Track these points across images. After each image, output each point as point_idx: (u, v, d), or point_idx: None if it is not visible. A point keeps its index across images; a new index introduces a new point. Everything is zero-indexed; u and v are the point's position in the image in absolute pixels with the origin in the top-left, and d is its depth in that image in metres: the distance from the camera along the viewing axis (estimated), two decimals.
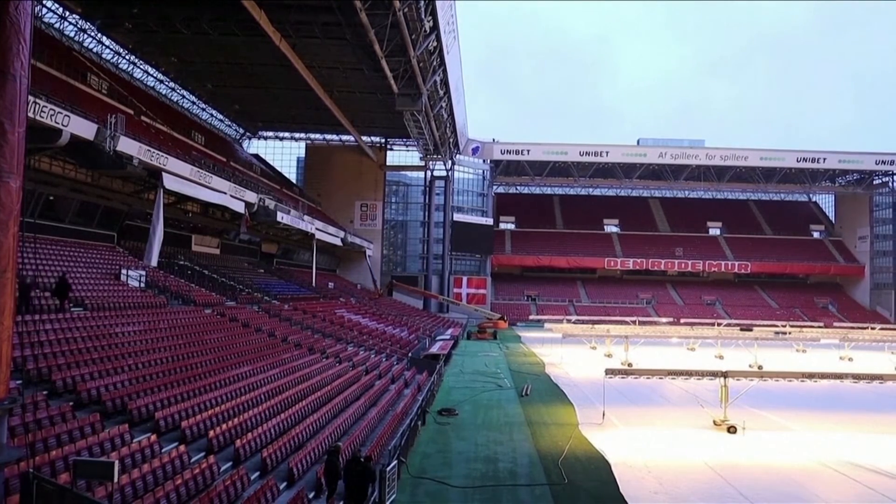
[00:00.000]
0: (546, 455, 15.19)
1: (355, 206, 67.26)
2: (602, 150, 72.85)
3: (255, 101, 52.49)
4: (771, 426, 18.80)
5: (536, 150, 72.86)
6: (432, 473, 13.61)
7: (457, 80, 48.35)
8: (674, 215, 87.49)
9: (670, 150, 73.03)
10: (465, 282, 72.17)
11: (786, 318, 66.20)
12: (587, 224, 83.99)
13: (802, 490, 13.09)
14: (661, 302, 76.25)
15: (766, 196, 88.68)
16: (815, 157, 73.15)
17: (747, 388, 19.04)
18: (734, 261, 78.99)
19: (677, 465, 14.53)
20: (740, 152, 73.50)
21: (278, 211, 38.86)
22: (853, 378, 20.02)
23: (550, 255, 78.06)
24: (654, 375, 20.53)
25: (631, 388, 23.78)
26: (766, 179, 77.40)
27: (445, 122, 54.15)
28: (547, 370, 31.70)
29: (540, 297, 76.28)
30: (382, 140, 67.08)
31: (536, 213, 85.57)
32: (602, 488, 12.79)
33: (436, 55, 39.36)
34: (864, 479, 13.66)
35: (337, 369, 22.80)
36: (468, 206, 74.73)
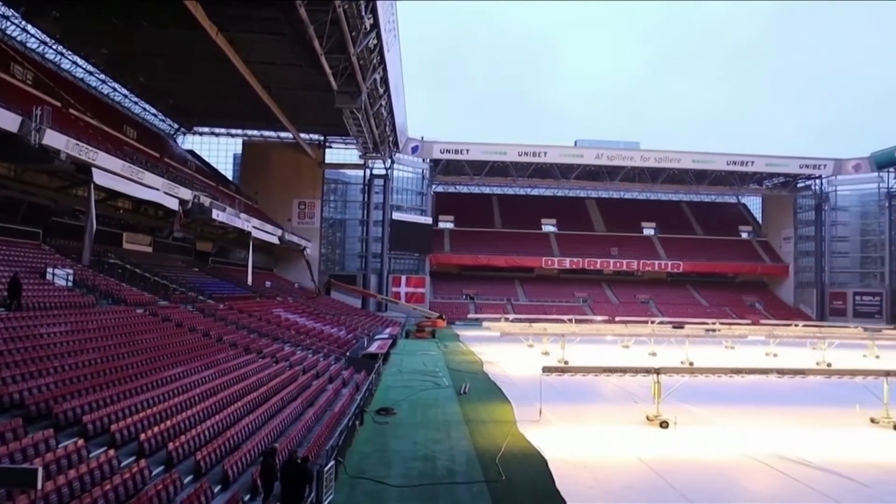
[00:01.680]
0: (484, 453, 15.31)
1: (293, 205, 66.35)
2: (540, 151, 73.75)
3: (191, 96, 51.21)
4: (701, 421, 19.36)
5: (475, 149, 73.27)
6: (370, 473, 13.56)
7: (397, 79, 48.19)
8: (610, 215, 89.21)
9: (606, 152, 74.42)
10: (403, 281, 72.05)
11: (715, 315, 68.19)
12: (525, 224, 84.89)
13: (732, 483, 13.54)
14: (596, 301, 77.68)
15: (697, 197, 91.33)
16: (744, 161, 75.67)
17: (679, 384, 19.57)
18: (667, 260, 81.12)
19: (612, 461, 14.83)
20: (673, 155, 75.43)
21: (213, 208, 38.04)
22: (778, 373, 20.81)
23: (489, 255, 78.61)
24: (589, 373, 20.89)
25: (567, 386, 24.15)
26: (697, 181, 79.68)
27: (385, 120, 53.91)
28: (485, 368, 31.93)
29: (478, 295, 76.79)
30: (321, 138, 66.34)
31: (475, 212, 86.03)
32: (539, 484, 12.96)
33: (376, 53, 39.11)
34: (790, 470, 14.20)
35: (274, 369, 22.49)
36: (407, 205, 74.61)
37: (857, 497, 12.55)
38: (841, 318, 74.15)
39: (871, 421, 19.25)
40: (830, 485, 13.18)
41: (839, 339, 42.04)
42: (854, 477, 13.67)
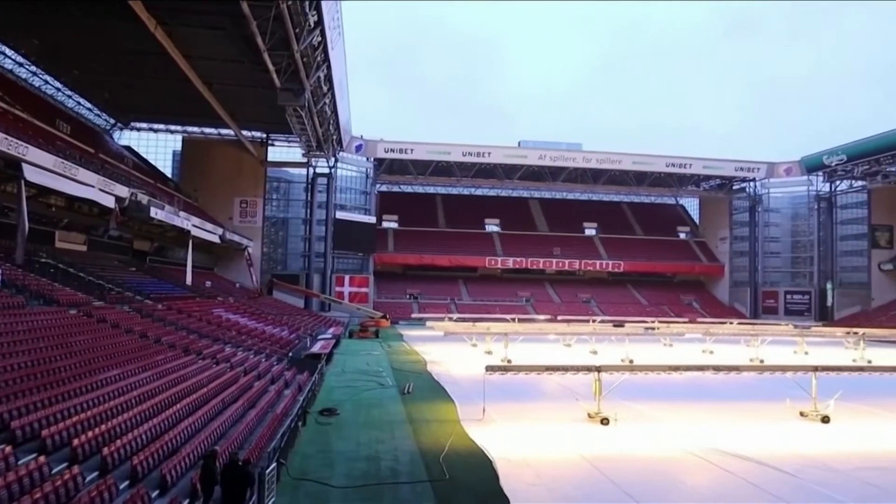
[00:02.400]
0: (428, 452, 15.32)
1: (234, 203, 65.19)
2: (484, 151, 74.24)
3: (128, 90, 49.75)
4: (641, 417, 19.75)
5: (420, 149, 73.30)
6: (313, 474, 13.42)
7: (341, 77, 47.83)
8: (552, 216, 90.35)
9: (549, 153, 75.37)
10: (347, 280, 71.59)
11: (654, 314, 69.74)
12: (469, 223, 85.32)
13: (670, 477, 13.85)
14: (539, 300, 78.58)
15: (637, 198, 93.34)
16: (683, 163, 77.62)
17: (619, 381, 19.91)
18: (608, 260, 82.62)
19: (554, 458, 15.01)
20: (615, 156, 76.86)
21: (152, 206, 37.11)
22: (714, 370, 21.40)
23: (433, 254, 78.77)
24: (532, 371, 21.12)
25: (510, 384, 24.34)
26: (638, 183, 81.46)
27: (329, 118, 53.48)
28: (428, 368, 31.93)
29: (422, 295, 76.83)
30: (264, 135, 65.35)
31: (419, 212, 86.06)
32: (483, 483, 13.03)
33: (320, 51, 38.75)
34: (726, 464, 14.60)
35: (214, 371, 22.06)
36: (351, 205, 74.19)
37: (785, 486, 13.01)
38: (773, 315, 76.81)
39: (801, 414, 19.96)
40: (762, 476, 13.62)
41: (771, 337, 43.43)
42: (783, 468, 14.17)
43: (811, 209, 79.88)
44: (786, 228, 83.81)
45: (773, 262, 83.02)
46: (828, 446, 16.51)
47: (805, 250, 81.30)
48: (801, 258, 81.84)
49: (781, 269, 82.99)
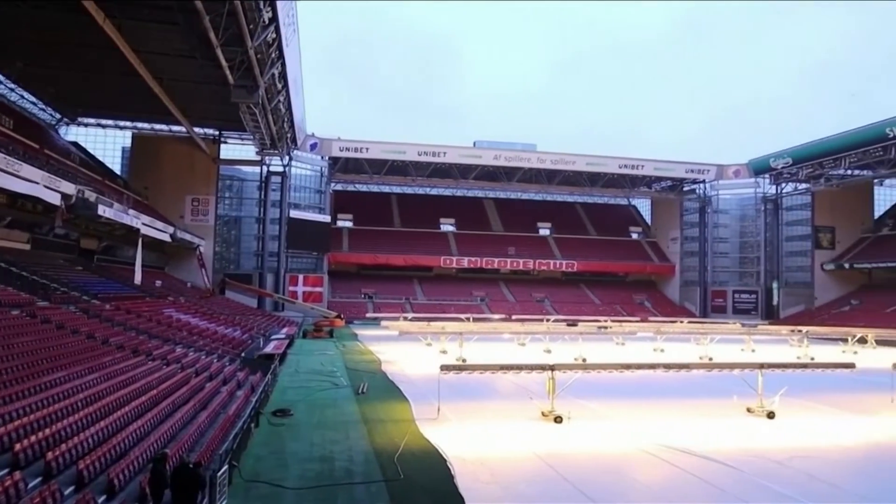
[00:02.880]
0: (382, 452, 15.27)
1: (186, 201, 64.01)
2: (440, 151, 74.30)
3: (75, 84, 48.42)
4: (594, 415, 20.01)
5: (375, 148, 72.99)
6: (266, 476, 13.26)
7: (296, 74, 47.35)
8: (507, 216, 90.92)
9: (504, 153, 75.81)
10: (300, 280, 70.94)
11: (607, 313, 70.64)
12: (424, 223, 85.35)
13: (622, 474, 14.06)
14: (493, 299, 79.00)
15: (591, 199, 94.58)
16: (635, 165, 78.88)
17: (572, 379, 20.12)
18: (562, 260, 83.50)
19: (509, 456, 15.10)
20: (569, 157, 77.69)
21: (100, 204, 36.16)
22: (664, 368, 21.80)
23: (388, 254, 78.58)
24: (487, 370, 21.21)
25: (465, 384, 24.41)
26: (591, 183, 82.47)
27: (283, 116, 52.88)
28: (383, 368, 31.84)
29: (377, 295, 76.57)
30: (216, 132, 64.29)
31: (374, 211, 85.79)
32: (437, 482, 13.04)
33: (275, 47, 38.28)
34: (676, 460, 14.88)
35: (164, 372, 21.62)
36: (305, 203, 73.50)
37: (732, 480, 13.33)
38: (721, 314, 78.54)
39: (748, 410, 20.46)
40: (710, 471, 13.93)
41: (720, 335, 44.37)
42: (731, 463, 14.51)
43: (758, 211, 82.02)
44: (734, 229, 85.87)
45: (722, 262, 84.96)
46: (773, 441, 16.96)
47: (752, 250, 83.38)
48: (748, 258, 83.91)
49: (730, 268, 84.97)
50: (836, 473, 14.21)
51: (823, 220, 76.82)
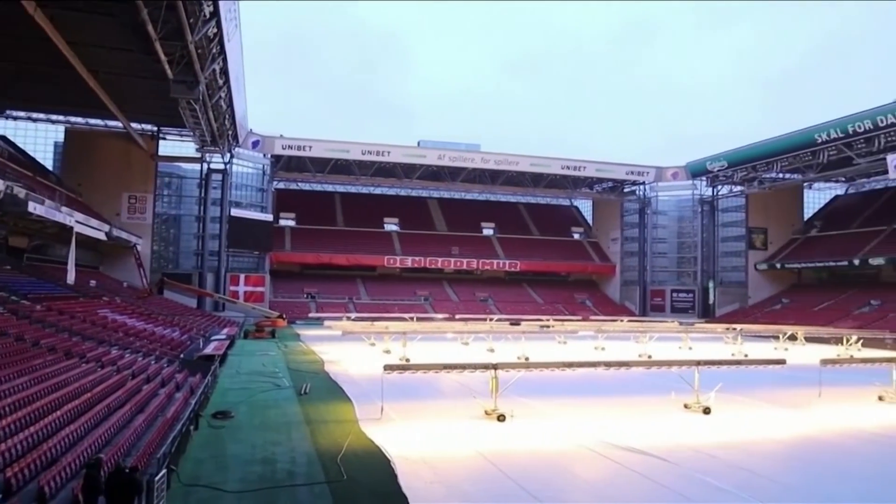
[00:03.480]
0: (325, 453, 15.14)
1: (123, 199, 62.28)
2: (384, 150, 74.02)
3: (3, 76, 46.51)
4: (536, 413, 20.22)
5: (319, 146, 72.24)
6: (206, 480, 13.01)
7: (238, 71, 46.53)
8: (451, 216, 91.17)
9: (449, 153, 76.01)
10: (242, 279, 69.83)
11: (549, 312, 71.43)
12: (368, 222, 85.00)
13: (564, 471, 14.26)
14: (437, 299, 79.16)
15: (534, 199, 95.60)
16: (577, 166, 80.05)
17: (515, 378, 20.32)
18: (505, 259, 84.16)
19: (452, 455, 15.15)
20: (512, 158, 78.38)
21: (30, 200, 34.82)
22: (605, 366, 22.22)
23: (331, 253, 77.96)
24: (430, 370, 21.23)
25: (408, 383, 24.40)
26: (534, 184, 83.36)
27: (224, 112, 51.91)
28: (326, 368, 31.59)
29: (320, 294, 75.90)
30: (155, 128, 62.68)
31: (318, 210, 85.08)
32: (381, 482, 13.00)
33: (216, 42, 37.51)
34: (616, 456, 15.16)
35: (99, 374, 20.99)
36: (247, 202, 72.34)
37: (670, 475, 13.65)
38: (660, 313, 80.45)
39: (685, 406, 20.98)
40: (650, 466, 14.24)
41: (658, 333, 45.38)
42: (669, 458, 14.86)
43: (695, 212, 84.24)
44: (672, 230, 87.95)
45: (661, 262, 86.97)
46: (709, 435, 17.44)
47: (690, 251, 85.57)
48: (686, 258, 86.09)
49: (668, 268, 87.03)
50: (768, 466, 14.69)
51: (757, 222, 79.45)
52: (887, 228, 70.84)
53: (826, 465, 15.26)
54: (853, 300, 67.89)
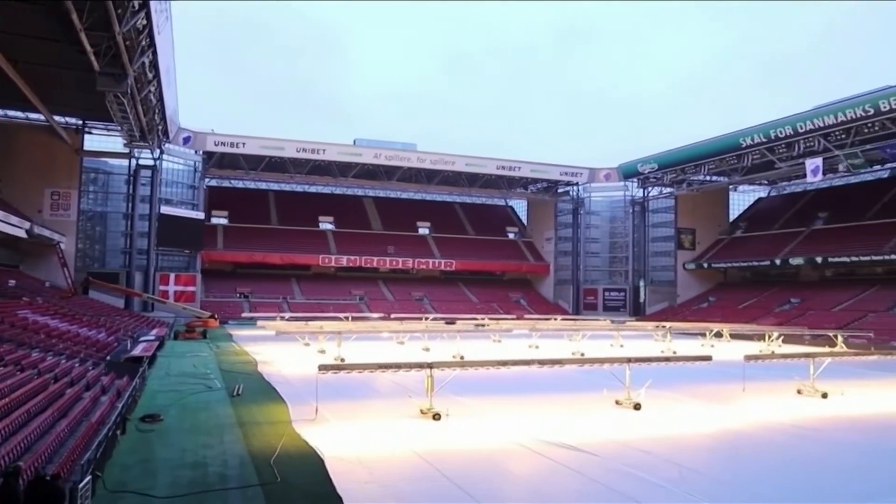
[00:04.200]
0: (258, 455, 14.89)
1: (45, 195, 59.81)
2: (319, 148, 73.20)
3: None
4: (472, 412, 20.34)
5: (252, 143, 70.92)
6: (133, 486, 12.62)
7: (169, 64, 45.32)
8: (387, 215, 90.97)
9: (385, 152, 75.74)
10: (172, 279, 68.08)
11: (485, 311, 72.07)
12: (303, 221, 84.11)
13: (499, 468, 14.38)
14: (373, 298, 78.84)
15: (469, 199, 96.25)
16: (512, 166, 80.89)
17: (450, 377, 20.38)
18: (441, 259, 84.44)
19: (387, 455, 15.10)
20: (448, 157, 78.65)
21: None
22: (539, 364, 22.51)
23: (264, 252, 76.80)
24: (365, 370, 21.11)
25: (344, 383, 24.23)
26: (470, 184, 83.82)
27: (154, 107, 50.47)
28: (259, 369, 31.10)
29: (253, 294, 74.64)
30: (80, 122, 60.40)
31: (251, 208, 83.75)
32: (315, 483, 12.86)
33: (145, 34, 36.40)
34: (550, 453, 15.36)
35: (18, 378, 20.10)
36: (177, 199, 70.53)
37: (602, 470, 13.95)
38: (593, 311, 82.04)
39: (616, 402, 21.44)
40: (582, 462, 14.50)
41: (591, 331, 46.25)
42: (601, 453, 15.18)
43: (627, 213, 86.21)
44: (605, 230, 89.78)
45: (594, 261, 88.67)
46: (639, 431, 17.86)
47: (621, 251, 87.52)
48: (617, 258, 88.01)
49: (601, 268, 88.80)
50: (696, 459, 15.15)
51: (685, 223, 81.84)
52: (806, 230, 74.03)
53: (749, 456, 15.81)
54: (775, 298, 70.60)
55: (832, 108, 55.46)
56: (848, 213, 71.54)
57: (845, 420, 20.19)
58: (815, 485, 13.50)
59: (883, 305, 59.21)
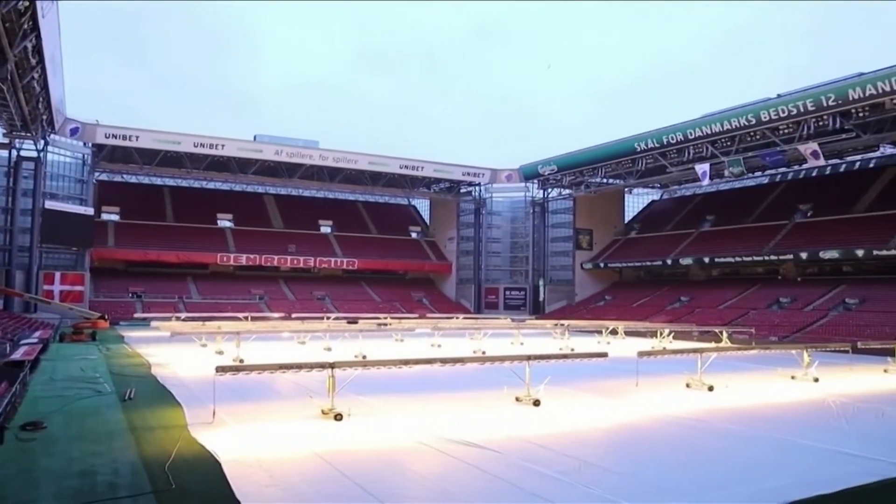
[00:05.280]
0: (151, 461, 14.30)
1: None
2: (217, 143, 70.99)
3: None
4: (374, 411, 20.24)
5: (146, 136, 68.10)
6: (13, 499, 11.87)
7: (54, 51, 42.90)
8: (288, 213, 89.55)
9: (286, 149, 74.40)
10: (58, 278, 64.52)
11: (387, 310, 72.00)
12: (200, 218, 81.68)
13: (401, 467, 14.37)
14: (273, 297, 77.38)
15: (372, 198, 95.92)
16: (415, 166, 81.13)
17: (352, 377, 20.25)
18: (343, 258, 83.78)
19: (288, 457, 14.83)
20: (351, 156, 78.01)
21: None
22: (441, 362, 22.67)
23: (159, 250, 74.07)
24: (265, 370, 20.63)
25: (243, 385, 23.65)
26: (373, 182, 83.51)
27: (38, 95, 47.71)
28: (153, 371, 29.90)
29: (147, 294, 71.80)
30: None
31: (145, 204, 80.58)
32: (212, 488, 12.48)
33: (27, 18, 34.37)
34: (451, 450, 15.47)
35: None
36: (64, 194, 66.80)
37: (502, 465, 14.14)
38: (494, 310, 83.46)
39: (516, 399, 21.83)
40: (483, 458, 14.68)
41: (492, 329, 46.94)
42: (501, 449, 15.40)
43: (527, 213, 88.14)
44: (506, 230, 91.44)
45: (495, 261, 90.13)
46: (539, 427, 18.23)
47: (522, 250, 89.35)
48: (518, 257, 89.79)
49: (502, 267, 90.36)
50: (593, 452, 15.60)
51: (583, 224, 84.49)
52: (695, 232, 77.82)
53: (642, 447, 16.47)
54: (666, 297, 73.85)
55: (719, 116, 58.57)
56: (733, 216, 75.71)
57: (729, 411, 21.31)
58: (702, 471, 14.17)
59: (763, 303, 63.01)
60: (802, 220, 68.51)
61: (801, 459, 15.20)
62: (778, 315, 59.23)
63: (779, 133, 55.35)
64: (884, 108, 47.95)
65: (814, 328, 53.37)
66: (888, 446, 16.37)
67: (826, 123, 51.70)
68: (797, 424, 19.43)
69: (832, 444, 16.55)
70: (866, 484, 12.96)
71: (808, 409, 22.34)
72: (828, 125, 51.70)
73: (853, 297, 57.13)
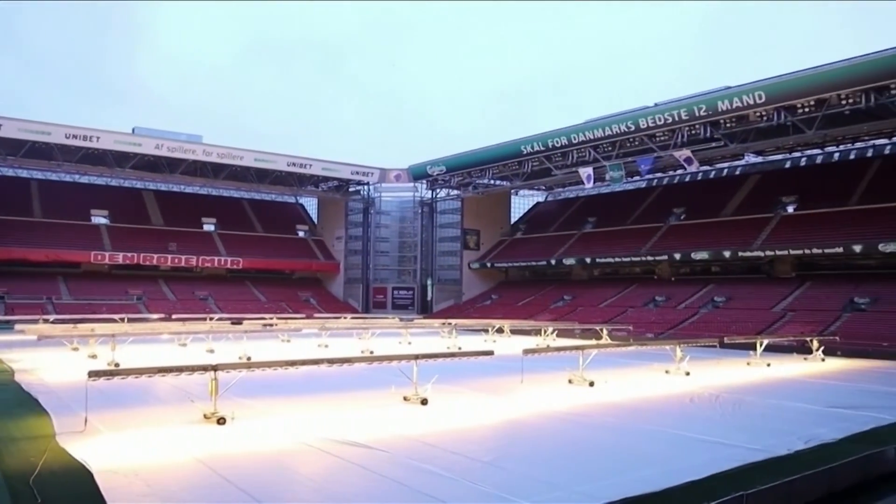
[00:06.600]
0: (14, 475, 13.36)
1: None
2: (92, 135, 67.00)
3: None
4: (259, 414, 19.81)
5: (10, 125, 63.31)
6: None
7: None
8: (169, 210, 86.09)
9: (167, 143, 71.24)
10: None
11: (273, 310, 70.51)
12: (72, 214, 77.07)
13: (286, 469, 14.14)
14: (152, 298, 74.18)
15: (259, 196, 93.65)
16: (303, 164, 79.84)
17: (236, 379, 19.72)
18: (227, 257, 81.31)
19: (168, 464, 14.27)
20: (237, 152, 75.66)
21: None
22: (328, 363, 22.41)
23: (25, 248, 69.32)
24: (143, 374, 19.73)
25: (118, 390, 22.52)
26: (259, 180, 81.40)
27: None
28: (17, 378, 27.95)
29: (10, 294, 66.99)
30: None
31: (9, 198, 75.14)
32: (83, 501, 11.82)
33: None
34: (338, 451, 15.35)
35: None
36: None
37: (390, 464, 14.18)
38: (382, 310, 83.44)
39: (404, 399, 21.93)
40: (370, 458, 14.66)
41: (380, 329, 46.92)
42: (388, 449, 15.45)
43: (416, 213, 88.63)
44: (395, 230, 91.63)
45: (383, 260, 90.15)
46: (426, 425, 18.39)
47: (410, 250, 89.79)
48: (406, 257, 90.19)
49: (390, 266, 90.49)
50: (479, 448, 15.91)
51: (471, 224, 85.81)
52: (577, 233, 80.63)
53: (527, 442, 16.97)
54: (550, 296, 76.11)
55: (601, 122, 61.02)
56: (613, 218, 78.99)
57: (608, 405, 22.26)
58: (583, 463, 14.74)
59: (640, 301, 66.11)
60: (676, 222, 72.34)
61: (671, 448, 16.16)
62: (654, 313, 62.28)
63: (656, 140, 58.40)
64: (748, 120, 51.69)
65: (686, 325, 56.50)
66: (746, 433, 17.69)
67: (698, 132, 55.13)
68: (670, 416, 20.58)
69: (699, 433, 17.68)
70: (728, 470, 13.89)
71: (680, 400, 23.70)
72: (699, 134, 55.12)
73: (721, 296, 60.89)
